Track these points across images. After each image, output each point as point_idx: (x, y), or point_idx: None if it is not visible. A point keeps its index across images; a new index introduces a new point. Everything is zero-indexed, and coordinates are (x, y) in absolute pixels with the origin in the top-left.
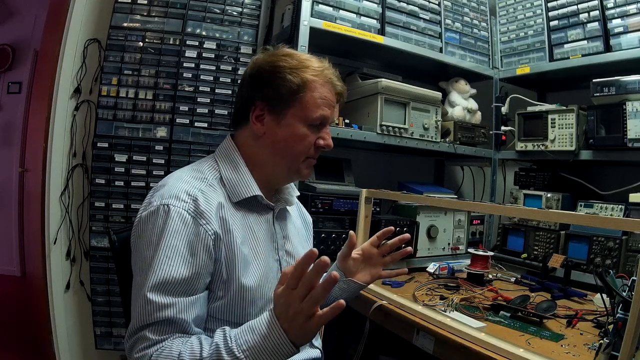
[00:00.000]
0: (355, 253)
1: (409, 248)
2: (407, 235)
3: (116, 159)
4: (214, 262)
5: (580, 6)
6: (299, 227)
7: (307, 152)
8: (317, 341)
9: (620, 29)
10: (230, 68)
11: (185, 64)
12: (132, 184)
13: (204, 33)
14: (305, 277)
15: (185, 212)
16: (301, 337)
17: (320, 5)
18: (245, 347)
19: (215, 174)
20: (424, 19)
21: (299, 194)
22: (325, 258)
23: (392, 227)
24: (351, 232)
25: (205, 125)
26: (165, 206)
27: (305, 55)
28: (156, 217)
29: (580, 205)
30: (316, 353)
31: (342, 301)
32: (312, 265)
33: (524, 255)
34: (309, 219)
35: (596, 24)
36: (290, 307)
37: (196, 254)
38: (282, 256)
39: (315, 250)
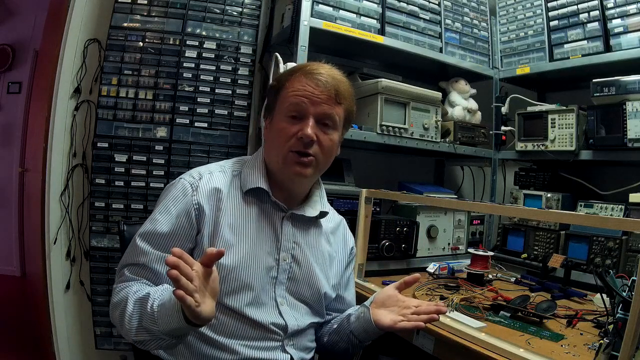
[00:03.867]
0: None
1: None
2: (444, 309)
3: (116, 159)
4: (197, 232)
5: (580, 6)
6: (325, 248)
7: (287, 143)
8: (296, 349)
9: (620, 29)
10: (230, 68)
11: (185, 64)
12: (132, 184)
13: (204, 33)
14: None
15: (189, 185)
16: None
17: (320, 5)
18: (160, 302)
19: (237, 167)
20: (424, 19)
21: (327, 209)
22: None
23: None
24: (416, 275)
25: (205, 125)
26: (179, 179)
27: (301, 63)
28: (170, 186)
29: (580, 205)
30: (285, 357)
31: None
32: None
33: (524, 255)
34: (350, 245)
35: (596, 24)
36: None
37: (179, 218)
38: (286, 258)
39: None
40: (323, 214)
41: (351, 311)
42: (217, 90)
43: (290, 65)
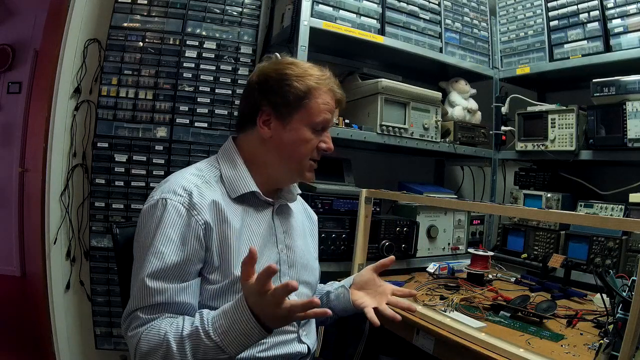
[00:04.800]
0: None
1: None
2: (414, 307)
3: (116, 159)
4: (205, 250)
5: (580, 6)
6: (301, 223)
7: (310, 154)
8: (309, 338)
9: (620, 29)
10: (230, 68)
11: (185, 64)
12: (132, 184)
13: (204, 33)
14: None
15: (181, 205)
16: (272, 321)
17: (320, 5)
18: (220, 331)
19: (215, 173)
20: (424, 19)
21: (300, 191)
22: (274, 266)
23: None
24: (392, 257)
25: (205, 125)
26: (164, 200)
27: (307, 64)
28: (155, 209)
29: (580, 205)
30: (303, 348)
31: (317, 299)
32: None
33: (524, 255)
34: (315, 217)
35: (596, 24)
36: (259, 298)
37: (187, 242)
38: (282, 250)
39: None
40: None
41: (329, 289)
42: (217, 90)
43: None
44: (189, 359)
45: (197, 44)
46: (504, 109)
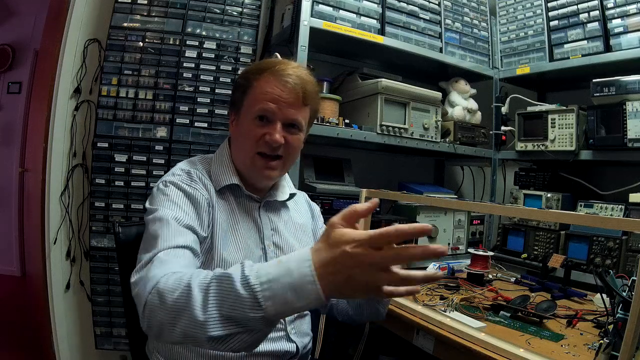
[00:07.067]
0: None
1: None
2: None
3: (116, 159)
4: (207, 226)
5: (580, 6)
6: (296, 221)
7: (254, 147)
8: (300, 337)
9: (620, 29)
10: (230, 68)
11: (185, 64)
12: (132, 184)
13: (204, 33)
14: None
15: (181, 182)
16: (339, 286)
17: (320, 5)
18: (265, 279)
19: (206, 167)
20: (424, 19)
21: (295, 190)
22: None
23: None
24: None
25: (205, 125)
26: (164, 182)
27: (268, 60)
28: (158, 192)
29: (580, 205)
30: (291, 347)
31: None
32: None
33: (524, 255)
34: (317, 209)
35: (596, 24)
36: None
37: (197, 205)
38: (269, 246)
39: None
40: (292, 196)
41: None
42: (217, 90)
43: None
44: (213, 310)
45: (197, 44)
46: (504, 109)
